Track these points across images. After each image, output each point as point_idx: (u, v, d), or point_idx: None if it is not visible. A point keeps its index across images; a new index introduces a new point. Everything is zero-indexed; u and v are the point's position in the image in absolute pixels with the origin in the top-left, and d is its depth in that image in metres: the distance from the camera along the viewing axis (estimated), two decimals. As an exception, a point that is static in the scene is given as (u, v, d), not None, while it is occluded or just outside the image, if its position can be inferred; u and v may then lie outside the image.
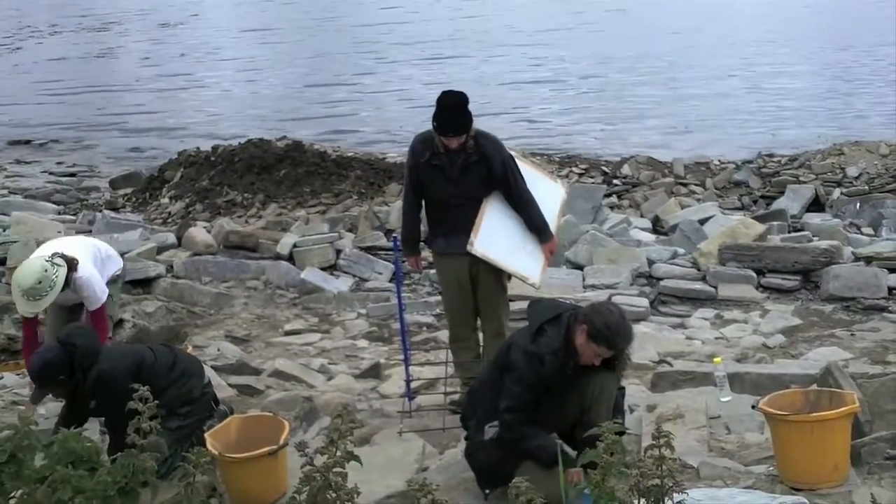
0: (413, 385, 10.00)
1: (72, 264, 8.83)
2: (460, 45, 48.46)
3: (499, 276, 9.39)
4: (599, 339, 6.59)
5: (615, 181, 21.62)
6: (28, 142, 32.87)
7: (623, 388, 7.27)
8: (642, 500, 3.85)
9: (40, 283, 8.55)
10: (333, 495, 3.70)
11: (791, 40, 45.50)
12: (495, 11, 61.24)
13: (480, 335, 9.58)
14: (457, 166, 8.85)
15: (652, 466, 3.88)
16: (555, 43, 48.64)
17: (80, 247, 9.40)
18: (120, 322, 12.59)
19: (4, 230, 17.19)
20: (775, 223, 17.92)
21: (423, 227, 9.64)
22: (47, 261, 8.74)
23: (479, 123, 8.99)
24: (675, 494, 3.91)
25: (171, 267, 15.59)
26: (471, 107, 8.86)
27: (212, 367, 10.85)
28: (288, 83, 41.55)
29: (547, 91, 37.79)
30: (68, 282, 8.73)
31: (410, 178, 9.28)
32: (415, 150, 9.07)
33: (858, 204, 20.11)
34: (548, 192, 9.49)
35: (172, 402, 7.76)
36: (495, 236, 8.98)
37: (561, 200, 9.75)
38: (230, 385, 10.71)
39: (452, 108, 8.74)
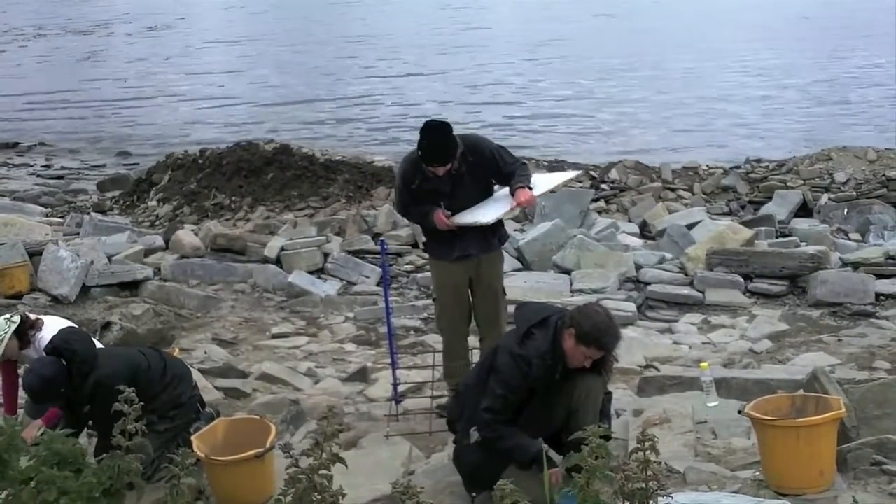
0: (400, 389, 10.00)
1: (34, 324, 8.75)
2: (450, 55, 48.48)
3: (498, 281, 9.39)
4: (588, 340, 6.59)
5: (603, 186, 21.63)
6: (16, 144, 32.86)
7: (610, 392, 7.28)
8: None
9: None
10: (318, 497, 3.69)
11: (780, 47, 45.59)
12: (483, 23, 61.26)
13: (469, 341, 9.58)
14: (448, 183, 8.82)
15: (637, 470, 3.88)
16: (543, 47, 48.69)
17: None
18: (107, 325, 12.59)
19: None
20: (763, 228, 17.95)
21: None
22: (5, 317, 8.70)
23: (472, 128, 8.96)
24: (659, 498, 3.91)
25: (159, 270, 15.58)
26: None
27: (199, 370, 10.85)
28: (276, 88, 41.55)
29: (537, 95, 37.83)
30: (30, 340, 8.62)
31: (404, 199, 9.20)
32: (405, 176, 8.98)
33: (846, 209, 20.14)
34: (554, 175, 9.50)
35: (163, 407, 7.76)
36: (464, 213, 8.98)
37: (567, 176, 9.79)
38: (217, 388, 10.71)
39: (437, 140, 8.65)
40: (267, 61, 48.53)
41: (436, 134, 8.65)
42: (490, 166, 8.91)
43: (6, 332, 8.48)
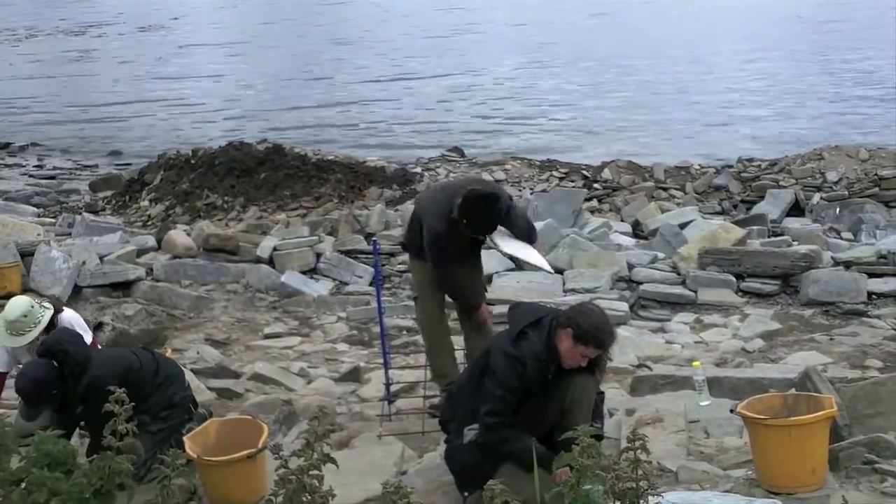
0: (393, 388, 9.99)
1: (57, 307, 8.84)
2: (441, 57, 48.47)
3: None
4: (587, 339, 6.59)
5: (595, 185, 21.62)
6: (8, 145, 32.82)
7: (602, 392, 7.27)
8: (617, 503, 3.84)
9: (25, 317, 8.52)
10: (308, 498, 3.69)
11: (773, 47, 45.62)
12: (475, 25, 61.22)
13: (455, 339, 9.59)
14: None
15: (627, 469, 3.88)
16: (536, 48, 48.70)
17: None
18: (100, 325, 12.58)
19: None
20: (755, 228, 17.96)
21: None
22: (36, 301, 8.77)
23: (464, 129, 8.96)
24: (650, 497, 3.90)
25: (151, 270, 15.54)
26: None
27: (191, 370, 10.84)
28: (269, 88, 41.54)
29: (530, 95, 37.86)
30: (53, 324, 8.70)
31: (449, 251, 9.08)
32: (444, 239, 8.83)
33: (838, 209, 20.16)
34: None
35: (155, 408, 7.75)
36: (506, 236, 9.02)
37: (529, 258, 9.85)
38: (209, 388, 10.70)
39: (488, 212, 8.65)
40: (259, 63, 48.49)
41: (486, 207, 8.64)
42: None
43: (42, 316, 8.56)
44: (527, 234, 9.11)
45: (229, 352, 12.72)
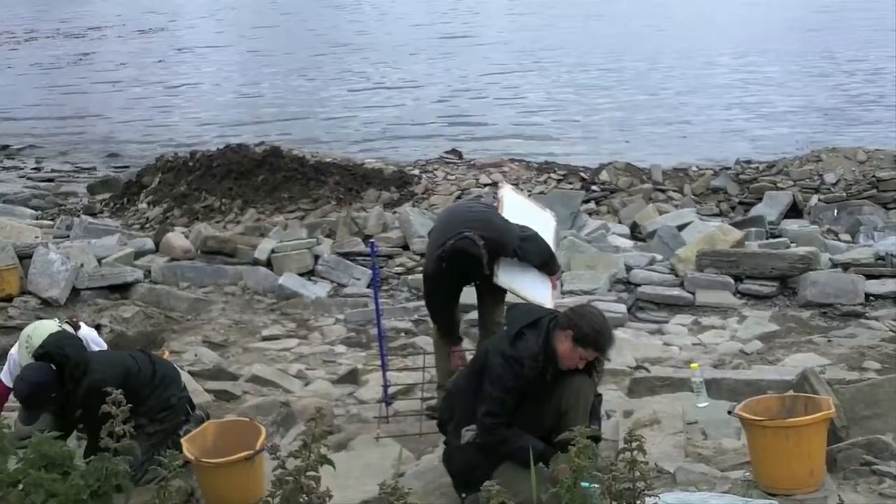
0: (390, 390, 10.00)
1: (75, 326, 8.85)
2: (438, 61, 48.46)
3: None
4: (587, 342, 6.60)
5: (593, 187, 21.60)
6: (5, 147, 32.79)
7: (600, 394, 7.27)
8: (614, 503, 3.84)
9: None
10: (305, 499, 3.68)
11: (770, 48, 45.63)
12: (472, 29, 61.21)
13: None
14: None
15: (624, 470, 3.88)
16: (534, 51, 48.70)
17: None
18: (97, 327, 12.56)
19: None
20: (753, 229, 17.93)
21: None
22: (59, 325, 8.77)
23: (460, 129, 8.94)
24: (647, 498, 3.90)
25: (149, 272, 15.55)
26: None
27: (189, 372, 10.83)
28: (268, 91, 41.55)
29: (527, 97, 37.85)
30: None
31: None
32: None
33: (836, 210, 20.13)
34: (541, 223, 9.46)
35: (152, 410, 7.74)
36: (513, 267, 8.92)
37: (553, 229, 9.72)
38: (207, 390, 10.68)
39: (466, 269, 8.62)
40: (258, 66, 48.48)
41: (464, 264, 8.56)
42: None
43: None
44: (544, 267, 9.04)
45: (227, 354, 12.71)
